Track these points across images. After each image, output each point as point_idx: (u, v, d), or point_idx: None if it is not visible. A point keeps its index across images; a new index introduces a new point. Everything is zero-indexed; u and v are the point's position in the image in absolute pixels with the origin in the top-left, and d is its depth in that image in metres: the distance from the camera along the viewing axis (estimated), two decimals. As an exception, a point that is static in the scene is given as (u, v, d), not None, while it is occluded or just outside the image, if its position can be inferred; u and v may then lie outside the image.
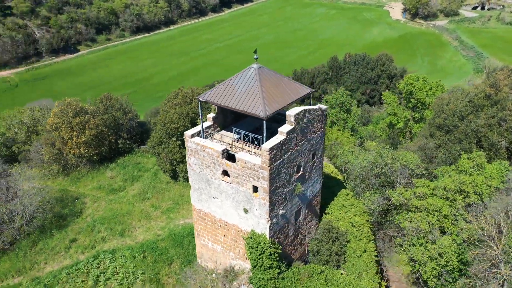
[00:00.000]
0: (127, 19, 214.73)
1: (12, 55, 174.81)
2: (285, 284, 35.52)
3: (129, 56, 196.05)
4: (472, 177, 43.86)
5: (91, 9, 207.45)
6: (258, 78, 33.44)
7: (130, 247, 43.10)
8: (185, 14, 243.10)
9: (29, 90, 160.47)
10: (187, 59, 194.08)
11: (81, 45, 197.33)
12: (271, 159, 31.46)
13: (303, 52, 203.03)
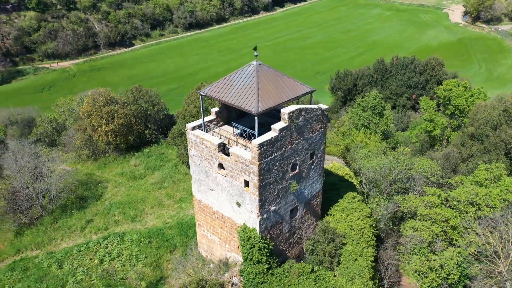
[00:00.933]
0: (180, 16, 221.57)
1: (73, 47, 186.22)
2: (273, 280, 35.94)
3: (179, 51, 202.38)
4: (487, 189, 41.78)
5: (148, 5, 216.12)
6: (256, 75, 34.07)
7: (138, 231, 45.34)
8: (237, 12, 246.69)
9: (86, 80, 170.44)
10: (235, 56, 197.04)
11: (136, 40, 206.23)
12: (260, 154, 32.01)
13: (352, 53, 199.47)
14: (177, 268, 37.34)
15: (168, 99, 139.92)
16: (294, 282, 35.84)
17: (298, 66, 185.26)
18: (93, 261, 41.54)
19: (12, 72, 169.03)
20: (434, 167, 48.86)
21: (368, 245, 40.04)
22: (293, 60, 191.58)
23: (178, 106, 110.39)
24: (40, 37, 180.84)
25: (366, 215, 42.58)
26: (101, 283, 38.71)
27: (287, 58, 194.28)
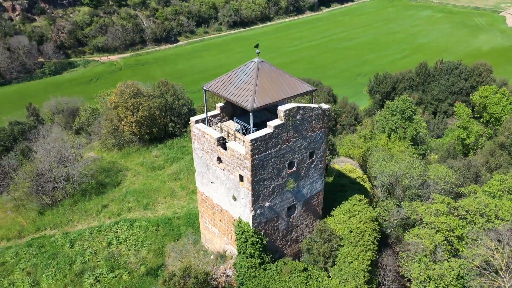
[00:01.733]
0: (225, 14, 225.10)
1: (121, 42, 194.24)
2: (265, 275, 36.45)
3: (222, 49, 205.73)
4: (500, 200, 40.00)
5: (194, 3, 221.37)
6: (256, 71, 34.68)
7: (148, 219, 47.28)
8: (282, 11, 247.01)
9: (130, 74, 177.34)
10: (276, 55, 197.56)
11: (181, 36, 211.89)
12: (253, 150, 32.62)
13: (397, 56, 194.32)
14: (172, 255, 38.71)
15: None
16: (285, 279, 36.16)
17: (340, 67, 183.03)
18: (101, 244, 43.87)
19: (64, 64, 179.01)
20: (450, 175, 47.32)
21: (368, 249, 39.51)
22: (335, 60, 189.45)
23: (213, 102, 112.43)
24: (91, 31, 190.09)
25: (369, 219, 41.94)
26: (105, 264, 40.86)
27: (329, 58, 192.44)
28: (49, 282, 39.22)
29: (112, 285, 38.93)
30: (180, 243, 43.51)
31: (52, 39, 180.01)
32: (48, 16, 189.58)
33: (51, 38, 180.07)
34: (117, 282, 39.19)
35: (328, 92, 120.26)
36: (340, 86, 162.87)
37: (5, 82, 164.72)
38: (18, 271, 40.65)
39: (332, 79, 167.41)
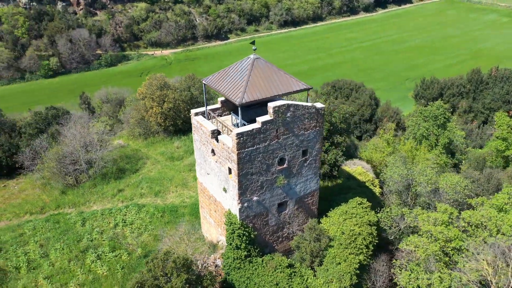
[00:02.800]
0: (277, 13, 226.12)
1: (174, 37, 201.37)
2: (249, 268, 37.23)
3: (269, 47, 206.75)
4: (506, 214, 37.94)
5: (247, 1, 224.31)
6: (250, 68, 35.50)
7: (156, 205, 49.55)
8: (335, 12, 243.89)
9: (179, 69, 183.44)
10: (324, 56, 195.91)
11: (232, 34, 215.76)
12: (239, 144, 33.48)
13: (451, 61, 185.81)
14: (163, 239, 40.48)
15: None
16: (268, 274, 36.72)
17: (388, 70, 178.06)
18: (109, 225, 46.69)
19: (119, 57, 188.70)
20: (462, 185, 45.37)
21: (359, 252, 39.02)
22: (384, 63, 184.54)
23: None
24: (146, 27, 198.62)
25: (367, 222, 41.27)
26: (108, 244, 43.52)
27: (378, 61, 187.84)
28: (56, 255, 42.47)
29: (111, 263, 41.44)
30: (181, 230, 45.28)
31: (110, 32, 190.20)
32: (108, 11, 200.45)
33: (109, 32, 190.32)
34: (116, 261, 41.64)
35: (370, 95, 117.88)
36: (386, 89, 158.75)
37: (66, 71, 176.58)
38: (33, 242, 44.35)
39: (379, 82, 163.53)
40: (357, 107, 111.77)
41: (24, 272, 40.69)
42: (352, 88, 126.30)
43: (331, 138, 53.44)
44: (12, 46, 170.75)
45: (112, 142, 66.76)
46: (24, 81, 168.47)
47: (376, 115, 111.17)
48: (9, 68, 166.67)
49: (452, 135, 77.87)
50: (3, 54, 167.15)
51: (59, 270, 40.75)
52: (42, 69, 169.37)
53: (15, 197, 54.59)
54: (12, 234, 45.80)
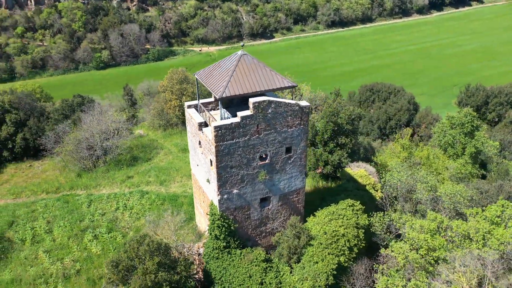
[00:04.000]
0: (324, 13, 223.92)
1: (220, 35, 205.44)
2: (226, 258, 38.15)
3: (315, 47, 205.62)
4: (498, 227, 36.11)
5: (294, 1, 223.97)
6: (236, 63, 36.31)
7: (158, 193, 51.66)
8: (386, 13, 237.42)
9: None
10: (369, 58, 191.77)
11: (277, 33, 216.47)
12: (217, 136, 34.44)
13: (508, 67, 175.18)
14: (149, 224, 42.23)
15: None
16: (244, 266, 37.44)
17: (435, 75, 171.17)
18: (111, 208, 49.37)
19: (166, 52, 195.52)
20: (463, 195, 43.52)
21: (341, 253, 38.70)
22: (430, 67, 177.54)
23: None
24: (194, 23, 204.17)
25: (354, 225, 40.79)
26: (106, 225, 46.14)
27: (425, 65, 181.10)
28: (59, 231, 45.68)
29: (105, 244, 43.96)
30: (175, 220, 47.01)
31: (159, 28, 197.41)
32: (159, 7, 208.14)
33: (158, 28, 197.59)
34: (110, 242, 44.11)
35: (409, 99, 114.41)
36: (431, 95, 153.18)
37: (116, 64, 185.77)
38: (41, 219, 47.92)
39: (423, 87, 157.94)
40: (394, 112, 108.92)
41: (28, 244, 44.18)
42: (390, 91, 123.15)
43: (336, 139, 52.96)
44: (69, 39, 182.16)
45: (134, 131, 70.00)
46: (77, 71, 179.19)
47: (414, 121, 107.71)
48: (65, 59, 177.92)
49: (480, 145, 74.06)
50: (60, 46, 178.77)
51: (58, 246, 43.86)
52: (94, 61, 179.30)
53: (37, 176, 59.02)
54: (26, 209, 49.69)
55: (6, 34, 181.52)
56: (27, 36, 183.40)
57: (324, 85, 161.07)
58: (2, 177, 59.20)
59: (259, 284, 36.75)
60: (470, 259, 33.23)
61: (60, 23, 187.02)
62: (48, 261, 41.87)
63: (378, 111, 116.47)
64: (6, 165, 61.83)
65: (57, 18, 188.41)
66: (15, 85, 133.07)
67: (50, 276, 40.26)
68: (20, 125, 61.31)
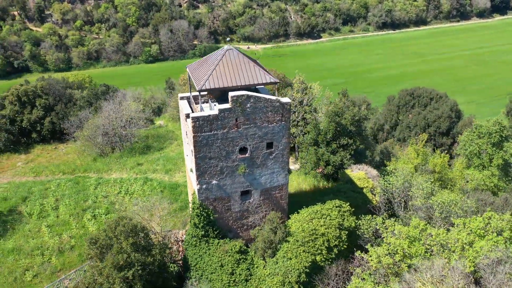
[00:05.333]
0: (375, 14, 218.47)
1: (266, 33, 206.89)
2: (203, 246, 39.26)
3: (362, 49, 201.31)
4: (480, 239, 34.37)
5: (345, 1, 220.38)
6: (220, 58, 37.23)
7: (161, 181, 53.77)
8: (442, 16, 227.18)
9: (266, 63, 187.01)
10: (418, 62, 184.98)
11: (325, 33, 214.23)
12: (195, 127, 35.59)
13: None
14: (134, 207, 44.14)
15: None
16: (218, 255, 38.37)
17: (488, 82, 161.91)
18: (114, 190, 52.14)
19: (212, 48, 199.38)
20: (457, 204, 41.68)
21: (317, 253, 38.54)
22: (484, 75, 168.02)
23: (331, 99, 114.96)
24: (242, 21, 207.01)
25: (337, 225, 40.38)
26: (105, 207, 48.88)
27: (478, 71, 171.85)
28: (63, 209, 49.04)
29: (101, 224, 46.59)
30: (170, 208, 48.85)
31: (207, 25, 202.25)
32: (209, 4, 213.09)
33: (207, 24, 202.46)
34: (106, 223, 46.57)
35: (451, 106, 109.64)
36: (479, 104, 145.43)
37: (164, 58, 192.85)
38: (51, 196, 51.64)
39: (472, 95, 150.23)
40: (434, 118, 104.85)
41: (35, 218, 47.86)
42: (432, 97, 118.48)
43: (338, 139, 52.37)
44: (122, 33, 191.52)
45: (155, 121, 72.99)
46: (128, 64, 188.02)
47: (455, 129, 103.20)
48: (117, 52, 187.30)
49: (509, 157, 69.89)
50: (114, 39, 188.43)
51: (60, 222, 47.15)
52: (144, 55, 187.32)
53: (59, 158, 63.43)
54: (41, 187, 53.72)
55: (66, 27, 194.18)
56: (85, 29, 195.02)
57: (366, 88, 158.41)
58: (28, 157, 64.27)
59: (230, 274, 37.56)
60: (438, 269, 31.98)
61: (115, 17, 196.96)
62: (48, 235, 45.15)
63: (416, 116, 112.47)
64: (34, 146, 66.99)
65: (113, 13, 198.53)
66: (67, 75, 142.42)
67: (47, 249, 43.44)
68: (48, 110, 66.17)
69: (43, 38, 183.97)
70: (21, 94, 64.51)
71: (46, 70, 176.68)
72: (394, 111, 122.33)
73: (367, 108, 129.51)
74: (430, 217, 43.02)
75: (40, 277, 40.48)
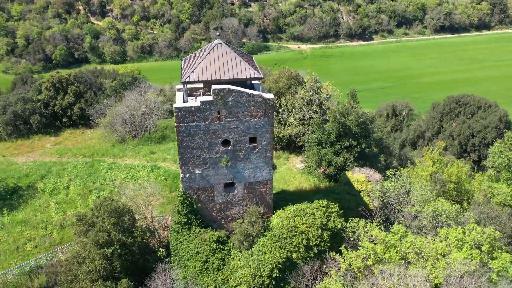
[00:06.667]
0: (433, 17, 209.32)
1: (316, 33, 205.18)
2: (185, 233, 40.54)
3: (416, 52, 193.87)
4: (456, 251, 32.75)
5: (401, 2, 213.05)
6: (208, 52, 38.24)
7: (167, 170, 55.72)
8: (509, 20, 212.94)
9: (311, 64, 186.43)
10: (474, 68, 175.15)
11: (377, 35, 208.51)
12: (177, 117, 36.90)
13: None
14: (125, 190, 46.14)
15: (370, 95, 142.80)
16: (195, 243, 39.48)
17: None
18: (121, 174, 54.90)
19: (260, 47, 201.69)
20: (450, 214, 39.80)
21: (295, 250, 38.53)
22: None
23: (377, 102, 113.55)
24: (292, 21, 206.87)
25: (319, 226, 40.02)
26: (110, 189, 51.70)
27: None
28: (73, 189, 52.52)
29: (103, 205, 49.35)
30: (168, 196, 50.69)
31: (257, 23, 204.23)
32: (261, 3, 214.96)
33: (257, 23, 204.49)
34: (108, 204, 49.40)
35: (501, 117, 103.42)
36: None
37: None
38: (66, 176, 55.44)
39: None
40: (480, 128, 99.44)
41: (47, 195, 51.69)
42: (480, 106, 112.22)
43: (341, 140, 51.63)
44: (175, 28, 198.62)
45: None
46: (178, 59, 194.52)
47: None
48: (169, 47, 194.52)
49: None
50: (166, 35, 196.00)
51: (67, 200, 50.59)
52: (194, 51, 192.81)
53: (83, 142, 67.69)
54: (59, 167, 57.81)
55: (124, 21, 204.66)
56: (141, 24, 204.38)
57: (414, 93, 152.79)
58: (57, 139, 69.20)
59: (204, 262, 38.53)
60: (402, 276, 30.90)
61: (170, 14, 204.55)
62: (55, 211, 48.65)
63: (460, 125, 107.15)
64: (64, 129, 72.01)
65: (168, 9, 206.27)
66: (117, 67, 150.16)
67: (51, 223, 46.88)
68: (79, 96, 70.85)
69: (102, 32, 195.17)
70: (56, 81, 69.65)
71: (103, 61, 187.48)
72: (437, 118, 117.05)
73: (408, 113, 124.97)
74: (421, 226, 41.41)
75: (39, 248, 43.79)
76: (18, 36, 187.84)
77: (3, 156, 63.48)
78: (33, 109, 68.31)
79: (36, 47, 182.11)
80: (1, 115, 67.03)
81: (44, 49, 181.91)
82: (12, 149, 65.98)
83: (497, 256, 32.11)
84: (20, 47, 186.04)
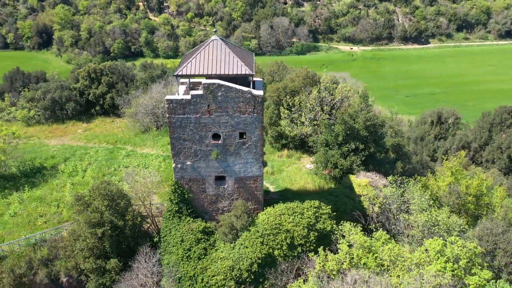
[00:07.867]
0: (499, 21, 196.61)
1: (368, 35, 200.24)
2: (175, 221, 41.89)
3: (474, 58, 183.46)
4: (435, 262, 31.30)
5: (464, 5, 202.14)
6: (204, 47, 39.24)
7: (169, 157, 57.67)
8: None
9: (359, 66, 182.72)
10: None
11: (434, 39, 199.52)
12: (169, 109, 38.25)
13: None
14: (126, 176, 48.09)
15: (417, 101, 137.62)
16: (182, 231, 40.70)
17: None
18: (134, 163, 57.46)
19: (310, 47, 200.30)
20: (444, 227, 37.94)
21: (277, 247, 38.62)
22: None
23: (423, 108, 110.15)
24: (344, 21, 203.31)
25: (307, 226, 39.77)
26: (121, 174, 54.31)
27: None
28: (89, 172, 55.80)
29: (113, 189, 52.09)
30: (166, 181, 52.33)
31: (308, 23, 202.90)
32: (313, 3, 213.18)
33: (308, 23, 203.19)
34: (117, 188, 52.11)
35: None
36: None
37: (261, 53, 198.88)
38: (86, 160, 59.03)
39: None
40: None
41: (66, 176, 55.38)
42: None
43: (348, 143, 50.62)
44: (226, 26, 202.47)
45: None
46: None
47: None
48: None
49: None
50: (218, 31, 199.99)
51: (82, 182, 53.90)
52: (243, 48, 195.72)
53: (111, 130, 71.44)
54: (83, 151, 61.66)
55: (179, 18, 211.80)
56: (195, 21, 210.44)
57: (467, 101, 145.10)
58: (88, 126, 73.64)
59: (187, 250, 39.64)
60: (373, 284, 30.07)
61: (222, 11, 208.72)
62: (69, 191, 52.00)
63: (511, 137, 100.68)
64: (96, 117, 76.45)
65: (221, 7, 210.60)
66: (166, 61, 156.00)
67: (63, 202, 50.24)
68: (111, 87, 74.84)
69: (158, 27, 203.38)
70: (91, 71, 74.13)
71: (157, 56, 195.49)
72: (486, 129, 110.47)
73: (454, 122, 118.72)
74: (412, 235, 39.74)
75: (48, 223, 47.14)
76: (82, 29, 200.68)
77: (38, 138, 68.70)
78: (69, 97, 73.20)
79: (97, 40, 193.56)
80: (41, 101, 72.44)
81: (104, 42, 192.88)
82: (47, 132, 71.18)
83: (475, 272, 30.26)
84: (83, 39, 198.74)
